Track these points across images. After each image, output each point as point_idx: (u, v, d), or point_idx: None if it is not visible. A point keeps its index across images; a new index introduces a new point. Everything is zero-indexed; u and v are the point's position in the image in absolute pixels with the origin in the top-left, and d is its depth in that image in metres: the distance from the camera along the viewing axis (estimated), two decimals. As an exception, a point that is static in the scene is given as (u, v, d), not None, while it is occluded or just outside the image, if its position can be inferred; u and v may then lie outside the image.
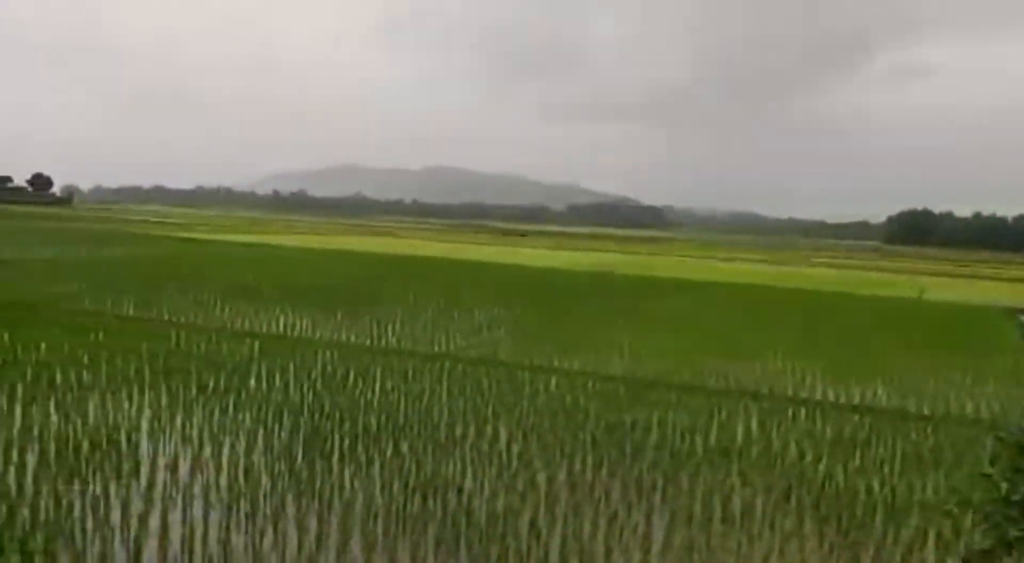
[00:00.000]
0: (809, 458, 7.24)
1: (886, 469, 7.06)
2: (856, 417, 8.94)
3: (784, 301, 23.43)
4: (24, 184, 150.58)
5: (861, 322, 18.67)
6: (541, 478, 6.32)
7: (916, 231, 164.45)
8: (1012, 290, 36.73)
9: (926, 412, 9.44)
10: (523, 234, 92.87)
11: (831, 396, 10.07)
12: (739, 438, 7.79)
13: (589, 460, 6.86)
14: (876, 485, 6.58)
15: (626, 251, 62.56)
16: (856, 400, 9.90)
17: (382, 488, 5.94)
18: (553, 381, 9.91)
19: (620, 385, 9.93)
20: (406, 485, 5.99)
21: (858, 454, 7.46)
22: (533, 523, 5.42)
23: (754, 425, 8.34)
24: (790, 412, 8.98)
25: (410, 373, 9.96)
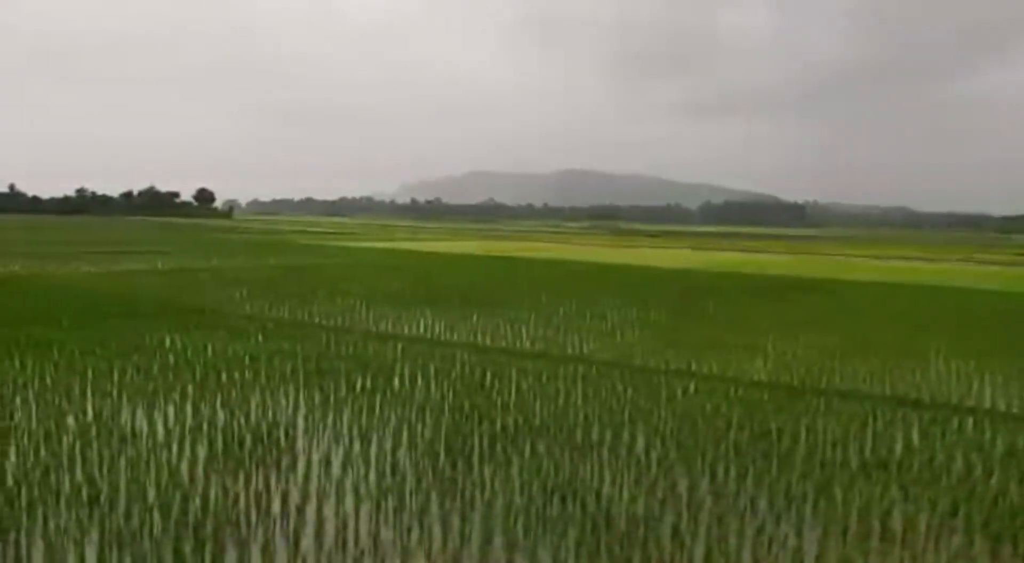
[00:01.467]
0: (979, 472, 6.65)
1: (1071, 487, 6.37)
2: (1033, 429, 8.13)
3: (944, 301, 21.69)
4: (190, 199, 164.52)
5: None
6: (682, 485, 6.18)
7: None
8: None
9: (1118, 425, 8.44)
10: (658, 235, 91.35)
11: (1001, 405, 9.22)
12: (898, 449, 7.28)
13: (733, 469, 6.63)
14: (1060, 504, 5.95)
15: (766, 250, 60.05)
16: (1031, 410, 9.01)
17: (521, 489, 6.01)
18: (692, 386, 9.67)
19: (764, 390, 9.54)
20: (545, 487, 6.03)
21: (1036, 469, 6.77)
22: (676, 530, 5.30)
23: (915, 435, 7.76)
24: (955, 422, 8.30)
25: (544, 375, 10.03)
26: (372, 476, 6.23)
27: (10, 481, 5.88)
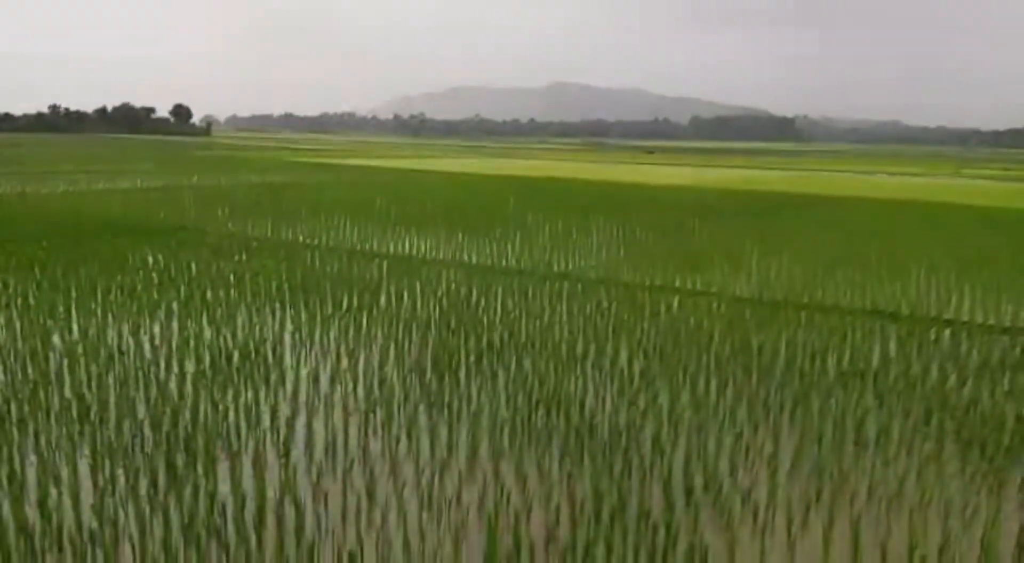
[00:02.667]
0: (953, 382, 6.83)
1: (1041, 395, 6.57)
2: (1007, 339, 8.32)
3: (929, 216, 21.80)
4: (167, 115, 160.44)
5: (1015, 239, 17.15)
6: (664, 397, 6.32)
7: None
8: None
9: (1091, 336, 8.65)
10: (651, 151, 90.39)
11: (979, 317, 9.40)
12: (875, 360, 7.44)
13: (713, 381, 6.78)
14: (1028, 412, 6.15)
15: (754, 166, 59.73)
16: (1008, 322, 9.20)
17: (507, 401, 6.13)
18: (675, 301, 9.77)
19: (747, 306, 9.66)
20: (530, 399, 6.15)
21: (1007, 378, 6.97)
22: (656, 439, 5.45)
23: (892, 347, 7.93)
24: (933, 334, 8.47)
25: (530, 292, 10.09)
26: (360, 390, 6.33)
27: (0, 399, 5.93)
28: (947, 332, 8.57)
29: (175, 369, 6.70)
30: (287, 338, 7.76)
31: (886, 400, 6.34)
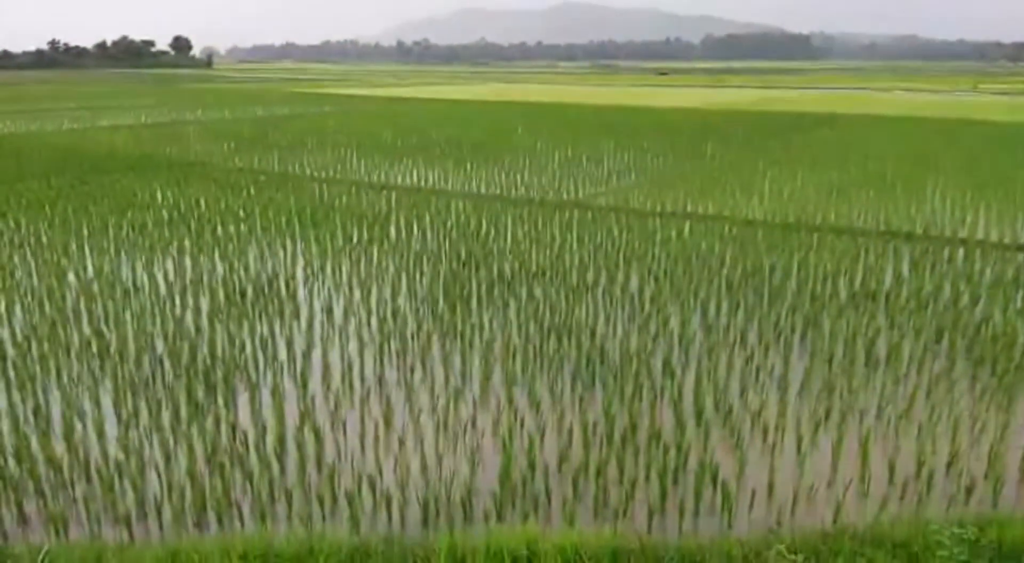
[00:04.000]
0: (965, 301, 6.82)
1: (1053, 312, 6.55)
2: (1020, 257, 8.25)
3: (946, 134, 21.35)
4: (166, 48, 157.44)
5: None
6: (674, 322, 6.35)
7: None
8: None
9: (1107, 252, 8.56)
10: (663, 73, 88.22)
11: (993, 236, 9.30)
12: (887, 281, 7.42)
13: (724, 304, 6.79)
14: (1040, 329, 6.15)
15: (769, 85, 58.31)
16: (1021, 240, 9.10)
17: (519, 329, 6.18)
18: (687, 227, 9.71)
19: (759, 229, 9.59)
20: (541, 326, 6.20)
21: (1020, 296, 6.94)
22: (667, 363, 5.51)
23: (904, 267, 7.89)
24: (946, 253, 8.41)
25: (540, 222, 10.04)
26: (374, 322, 6.39)
27: (19, 336, 6.03)
28: (961, 251, 8.51)
29: (190, 304, 6.77)
30: (299, 272, 7.80)
31: (897, 320, 6.34)
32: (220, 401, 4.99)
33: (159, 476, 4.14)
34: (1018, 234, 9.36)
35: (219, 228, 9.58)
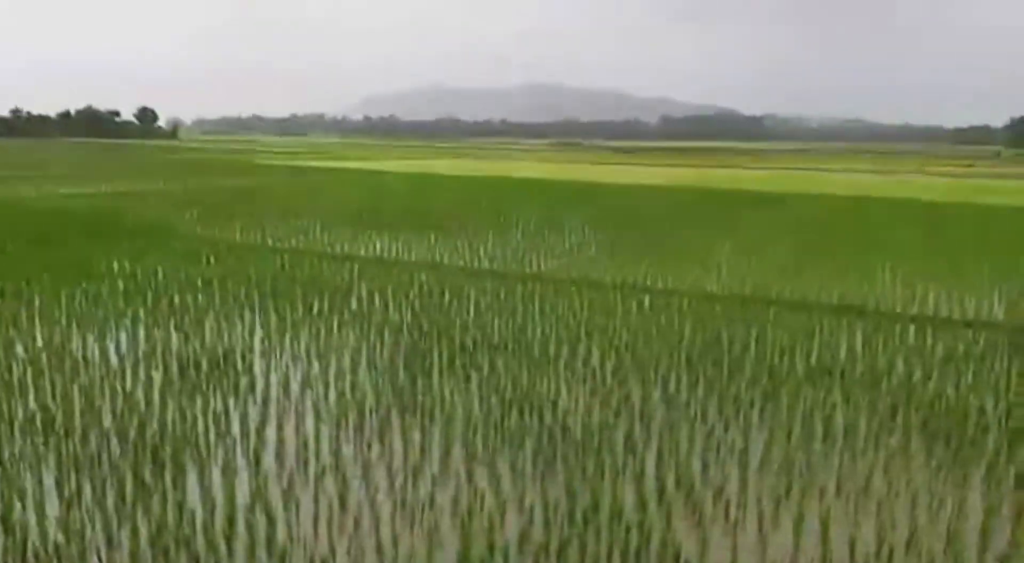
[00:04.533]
0: (918, 376, 6.95)
1: (1001, 386, 6.72)
2: (970, 333, 8.49)
3: (894, 213, 22.19)
4: (131, 118, 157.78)
5: (976, 234, 17.50)
6: (636, 396, 6.35)
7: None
8: None
9: (1050, 328, 8.85)
10: (628, 151, 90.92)
11: (943, 312, 9.58)
12: (842, 356, 7.55)
13: (684, 378, 6.83)
14: (990, 404, 6.29)
15: (725, 164, 60.34)
16: (971, 315, 9.39)
17: (480, 403, 6.12)
18: (647, 300, 9.83)
19: (716, 303, 9.75)
20: (503, 400, 6.15)
21: (971, 372, 7.11)
22: (628, 438, 5.48)
23: (858, 343, 8.05)
24: (898, 329, 8.61)
25: (503, 293, 10.08)
26: (332, 395, 6.28)
27: (-41, 411, 5.79)
28: (912, 327, 8.72)
29: (142, 378, 6.59)
30: (257, 344, 7.67)
31: (853, 396, 6.43)
32: (168, 479, 4.80)
33: (100, 560, 3.93)
34: (966, 310, 9.66)
35: (176, 298, 9.42)
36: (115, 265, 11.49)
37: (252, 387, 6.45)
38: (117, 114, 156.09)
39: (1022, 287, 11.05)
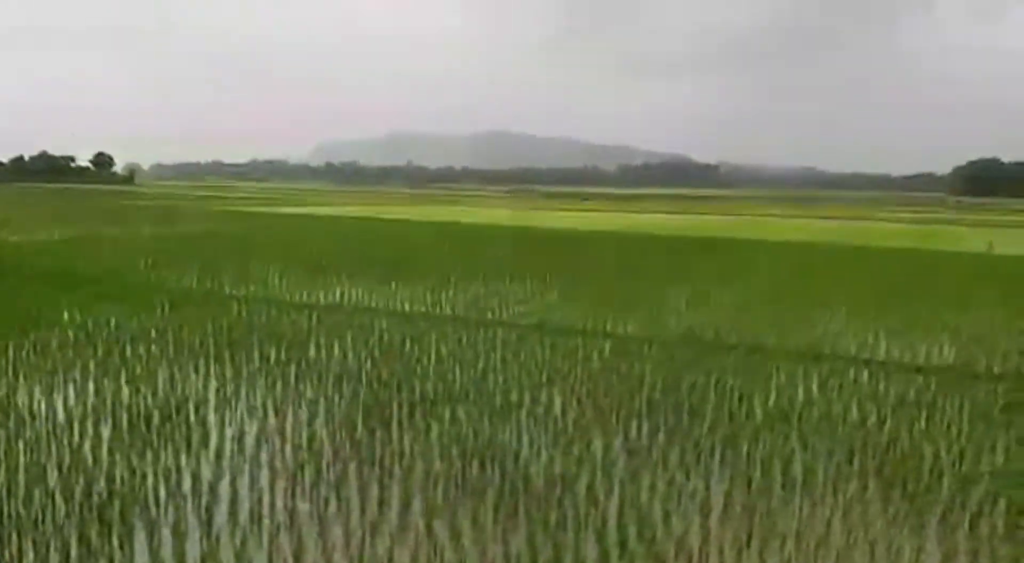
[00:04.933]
0: (873, 421, 7.07)
1: (953, 431, 6.86)
2: (921, 377, 8.68)
3: (846, 258, 22.80)
4: (87, 164, 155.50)
5: (926, 279, 18.05)
6: (597, 445, 6.33)
7: (984, 182, 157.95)
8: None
9: (996, 371, 9.12)
10: (585, 199, 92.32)
11: (895, 355, 9.80)
12: (799, 401, 7.65)
13: (645, 425, 6.84)
14: (943, 449, 6.41)
15: (681, 211, 61.55)
16: (921, 359, 9.62)
17: (441, 455, 6.03)
18: (607, 346, 9.87)
19: (676, 348, 9.83)
20: (464, 452, 6.08)
21: (924, 416, 7.25)
22: (590, 489, 5.44)
23: (814, 387, 8.17)
24: (852, 373, 8.77)
25: (464, 340, 10.05)
26: (288, 449, 6.14)
27: None
28: (866, 371, 8.89)
29: (90, 433, 6.37)
30: (211, 396, 7.49)
31: (811, 441, 6.50)
32: (115, 540, 4.62)
33: (38, 629, 3.74)
34: (916, 354, 9.89)
35: (128, 349, 9.18)
36: (66, 314, 11.18)
37: (205, 441, 6.28)
38: (72, 160, 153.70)
39: (969, 332, 11.38)
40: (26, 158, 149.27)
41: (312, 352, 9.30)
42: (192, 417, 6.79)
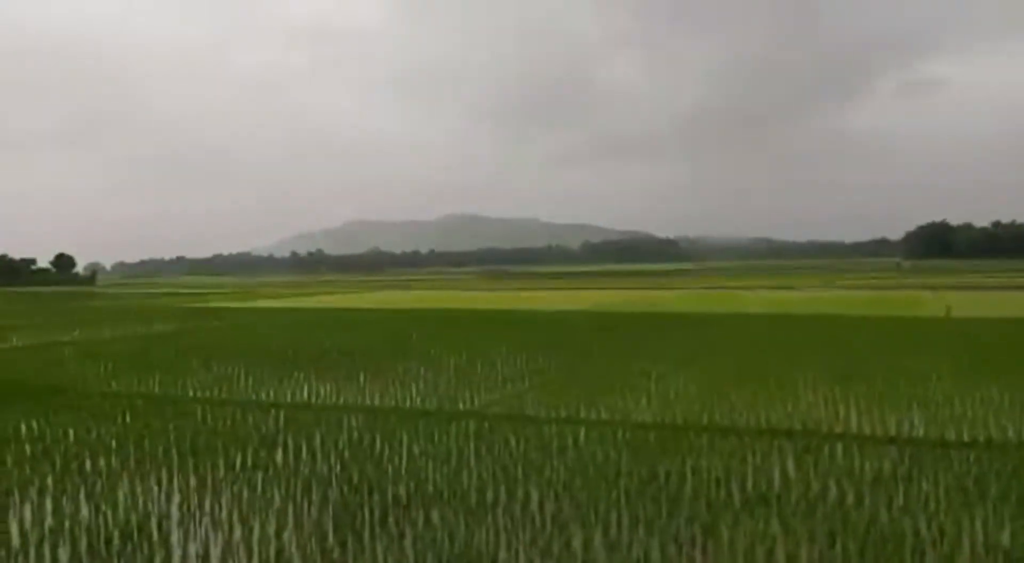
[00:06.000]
0: (851, 499, 7.03)
1: (931, 506, 6.84)
2: (894, 450, 8.71)
3: (810, 328, 23.14)
4: (48, 265, 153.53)
5: (889, 345, 18.37)
6: (577, 542, 6.19)
7: (935, 245, 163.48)
8: (1041, 299, 36.07)
9: (965, 439, 9.20)
10: (552, 276, 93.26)
11: (867, 429, 9.84)
12: (776, 482, 7.60)
13: (624, 518, 6.72)
14: (923, 525, 6.38)
15: (645, 286, 62.34)
16: (892, 431, 9.67)
17: (415, 562, 5.83)
18: (582, 433, 9.78)
19: (650, 431, 9.78)
20: (439, 558, 5.89)
21: (901, 492, 7.24)
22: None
23: (790, 467, 8.14)
24: (826, 450, 8.77)
25: (436, 435, 9.88)
26: (256, 564, 5.89)
27: None
28: (839, 447, 8.90)
29: (47, 557, 6.06)
30: (174, 511, 7.20)
31: (791, 524, 6.43)
32: None
33: None
34: (887, 426, 9.95)
35: (87, 463, 8.85)
36: (23, 427, 10.79)
37: (168, 561, 5.99)
38: (33, 262, 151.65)
39: (937, 400, 11.52)
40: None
41: (280, 456, 9.05)
42: (155, 535, 6.50)
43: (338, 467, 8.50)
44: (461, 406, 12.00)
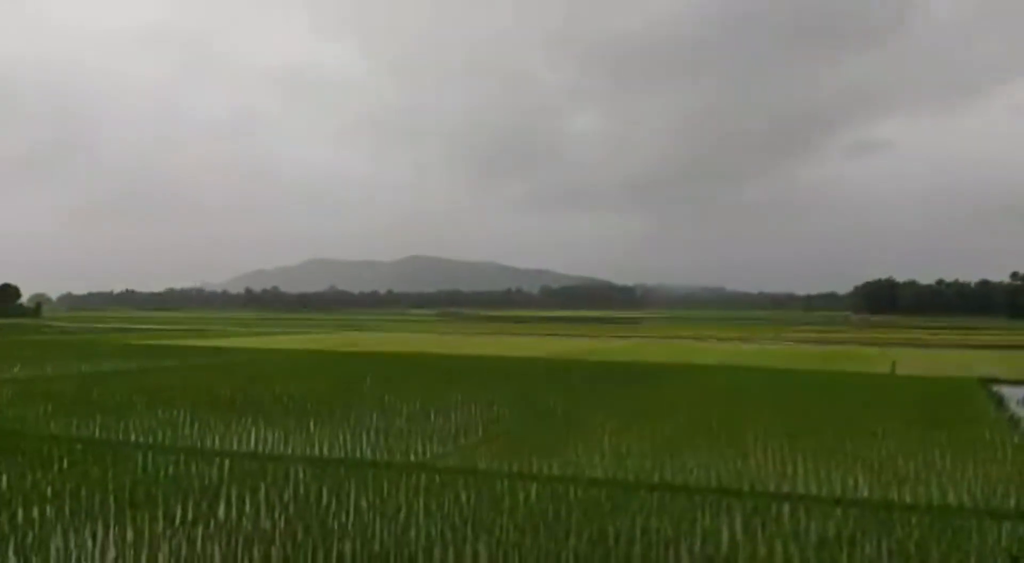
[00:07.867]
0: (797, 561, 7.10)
1: (874, 571, 6.94)
2: (839, 511, 8.83)
3: (761, 382, 23.49)
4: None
5: (835, 402, 18.73)
6: (524, 605, 6.11)
7: (881, 300, 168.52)
8: (978, 357, 37.30)
9: (908, 500, 9.38)
10: (511, 320, 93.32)
11: (813, 488, 9.98)
12: (724, 545, 7.64)
13: (573, 580, 6.66)
14: (865, 590, 6.45)
15: (601, 334, 62.78)
16: (838, 492, 9.82)
17: (359, 627, 5.69)
18: (533, 490, 9.72)
19: (601, 488, 9.76)
20: (384, 622, 5.75)
21: (845, 556, 7.33)
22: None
23: (738, 528, 8.19)
24: (774, 510, 8.85)
25: (386, 489, 9.72)
26: (191, 629, 5.67)
27: None
28: (786, 507, 8.99)
29: (-34, 620, 5.76)
30: (109, 567, 6.93)
31: (738, 590, 6.45)
32: None
33: None
34: (833, 486, 10.10)
35: (20, 513, 8.48)
36: (-52, 474, 10.31)
37: (99, 624, 5.75)
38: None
39: (881, 459, 11.76)
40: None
41: (222, 510, 8.80)
42: (85, 595, 6.24)
43: (282, 522, 8.29)
44: (412, 457, 11.84)
